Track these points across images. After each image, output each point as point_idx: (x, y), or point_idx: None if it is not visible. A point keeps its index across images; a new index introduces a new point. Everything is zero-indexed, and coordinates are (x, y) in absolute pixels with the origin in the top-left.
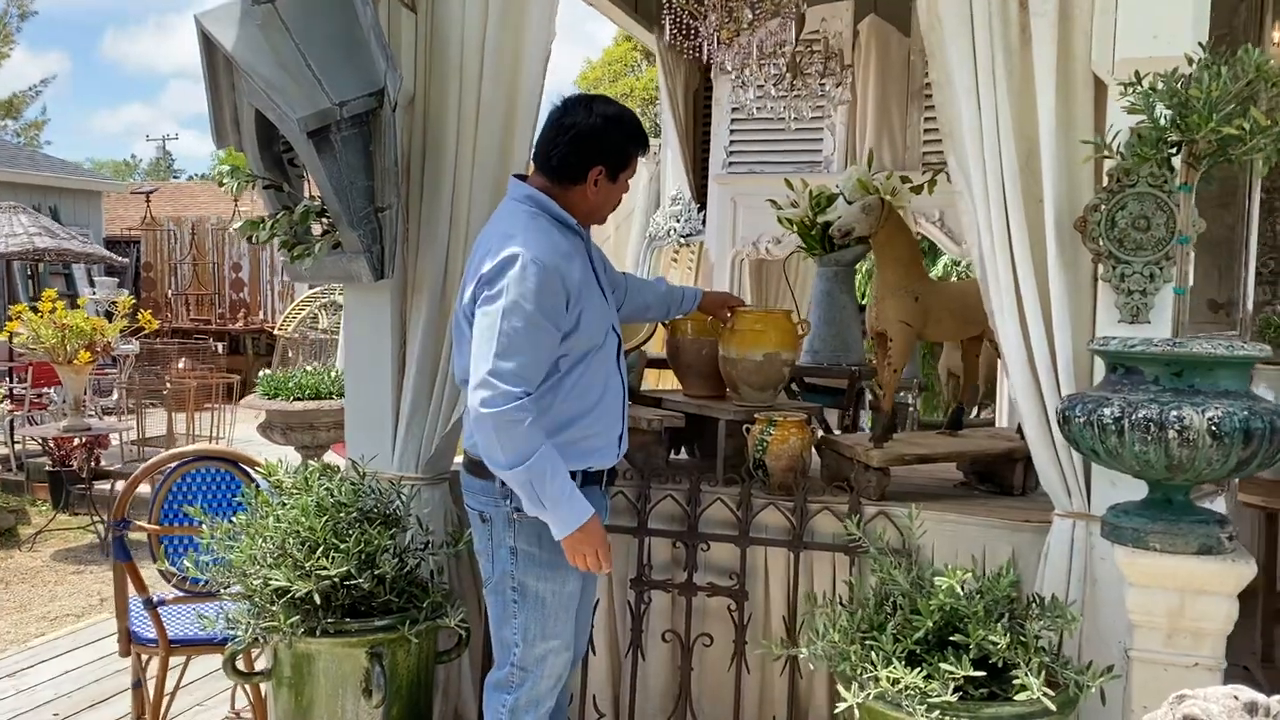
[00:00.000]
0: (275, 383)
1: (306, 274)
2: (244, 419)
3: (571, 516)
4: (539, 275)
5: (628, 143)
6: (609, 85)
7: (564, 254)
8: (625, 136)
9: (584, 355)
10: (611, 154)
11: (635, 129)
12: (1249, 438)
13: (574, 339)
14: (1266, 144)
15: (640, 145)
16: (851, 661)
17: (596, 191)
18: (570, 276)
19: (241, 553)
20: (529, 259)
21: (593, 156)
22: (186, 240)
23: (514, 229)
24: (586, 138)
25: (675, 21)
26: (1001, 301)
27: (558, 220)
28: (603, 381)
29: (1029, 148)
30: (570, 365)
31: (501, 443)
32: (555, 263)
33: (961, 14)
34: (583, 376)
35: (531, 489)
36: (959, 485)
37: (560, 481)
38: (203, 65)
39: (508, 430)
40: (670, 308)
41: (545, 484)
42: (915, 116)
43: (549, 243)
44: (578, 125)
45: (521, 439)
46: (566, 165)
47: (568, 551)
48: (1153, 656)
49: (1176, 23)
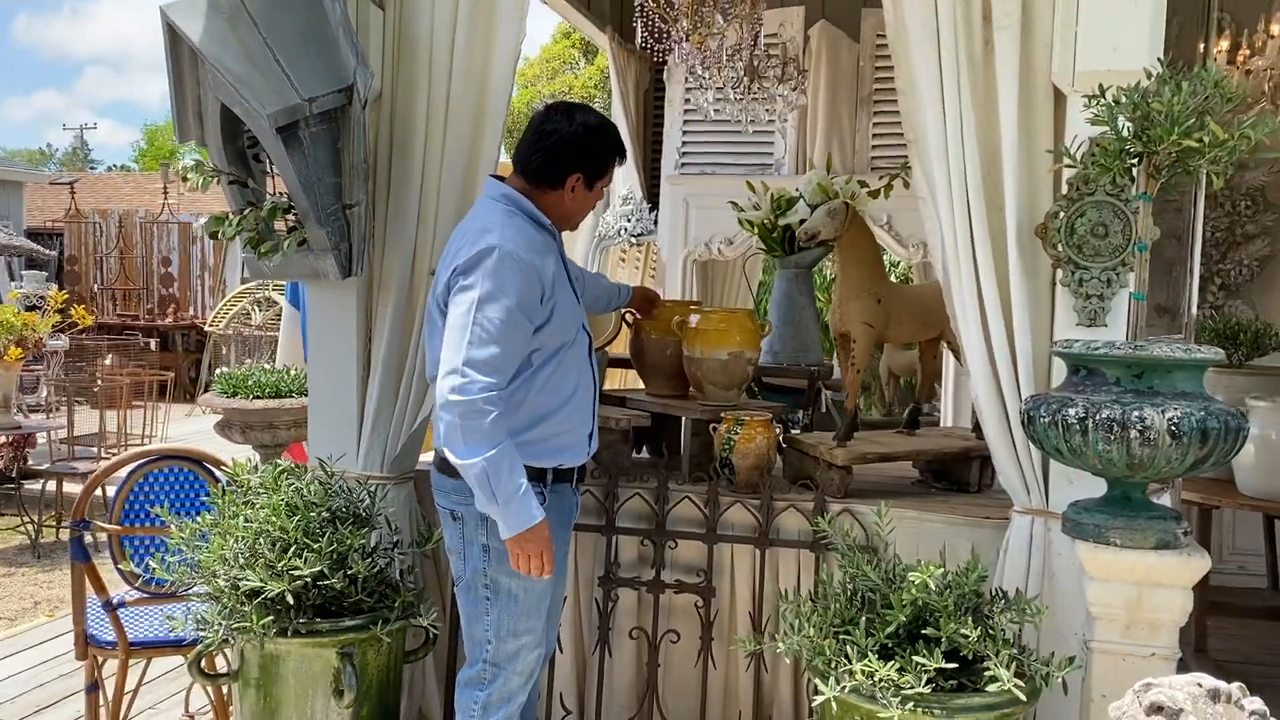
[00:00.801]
0: (234, 381)
1: (272, 271)
2: (177, 417)
3: (522, 517)
4: (514, 267)
5: (606, 153)
6: (547, 83)
7: (538, 250)
8: (604, 147)
9: (557, 350)
10: (590, 163)
11: (615, 140)
12: (1205, 437)
13: (546, 332)
14: (1222, 156)
15: (618, 156)
16: (826, 656)
17: (573, 198)
18: (545, 271)
19: (210, 553)
20: (505, 251)
21: (571, 164)
22: (113, 233)
23: (490, 224)
24: (566, 145)
25: (646, 25)
26: (964, 305)
27: (533, 219)
28: (575, 379)
29: (991, 156)
30: (543, 360)
31: (464, 431)
32: (530, 257)
33: (927, 25)
34: (555, 372)
35: (487, 482)
36: (916, 483)
37: (516, 479)
38: (167, 58)
39: (472, 420)
40: (611, 300)
41: (501, 479)
42: (864, 121)
43: (524, 238)
44: (559, 132)
45: (484, 431)
46: (545, 170)
47: (511, 552)
48: (1112, 647)
49: (1135, 38)
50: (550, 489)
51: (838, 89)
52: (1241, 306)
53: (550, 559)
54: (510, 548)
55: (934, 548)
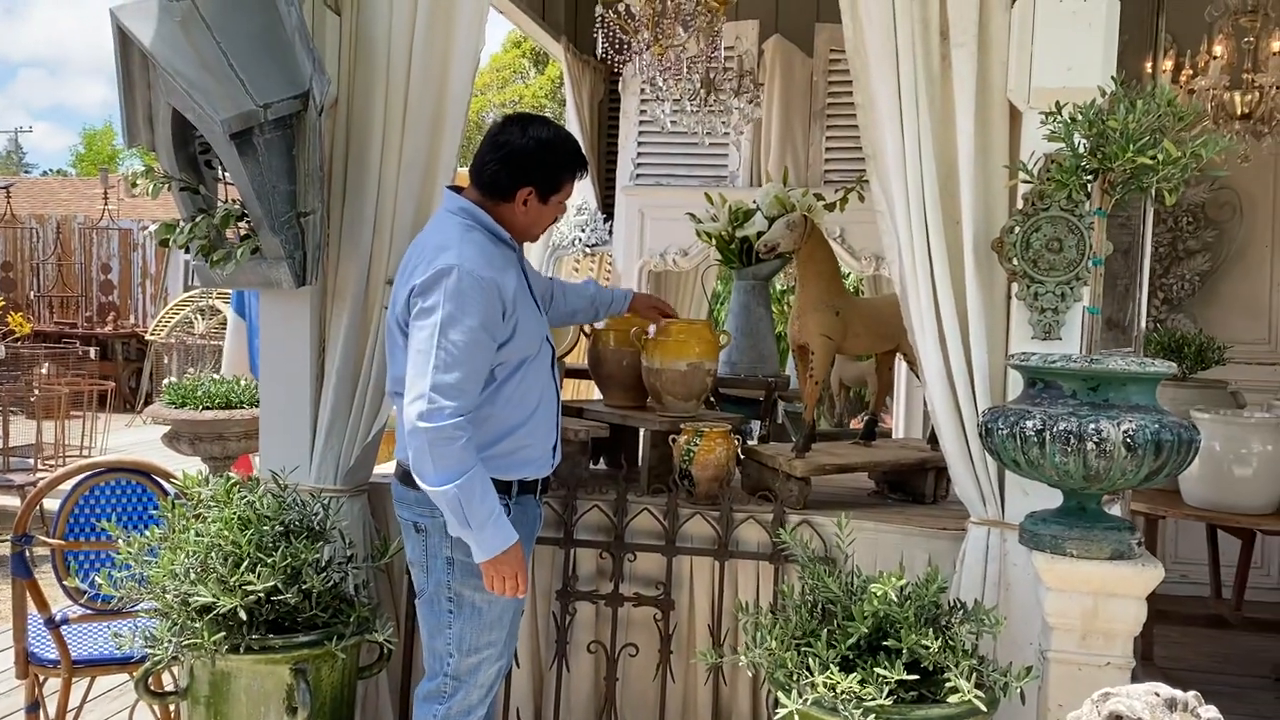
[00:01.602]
0: (182, 391)
1: (224, 280)
2: (117, 427)
3: (497, 540)
4: (474, 286)
5: (559, 167)
6: (497, 92)
7: (498, 266)
8: (556, 161)
9: (520, 364)
10: (541, 177)
11: (569, 154)
12: (1159, 449)
13: (509, 348)
14: (1175, 174)
15: (573, 170)
16: (788, 668)
17: (526, 211)
18: (505, 287)
19: (160, 568)
20: (464, 271)
21: (522, 177)
22: (51, 239)
23: (448, 241)
24: (517, 158)
25: (607, 35)
26: (921, 318)
27: (491, 233)
28: (539, 392)
29: (948, 171)
30: (506, 374)
31: (434, 458)
32: (490, 274)
33: (886, 42)
34: (519, 386)
35: (460, 507)
36: (872, 494)
37: (489, 503)
38: (116, 61)
39: (442, 447)
40: (599, 309)
41: (474, 504)
42: (818, 135)
43: (483, 255)
44: (510, 144)
45: (455, 457)
46: (497, 183)
47: (485, 574)
48: (1068, 657)
49: (1089, 57)
50: (515, 501)
51: (792, 102)
52: (1184, 320)
53: (524, 578)
54: (485, 570)
55: (891, 559)
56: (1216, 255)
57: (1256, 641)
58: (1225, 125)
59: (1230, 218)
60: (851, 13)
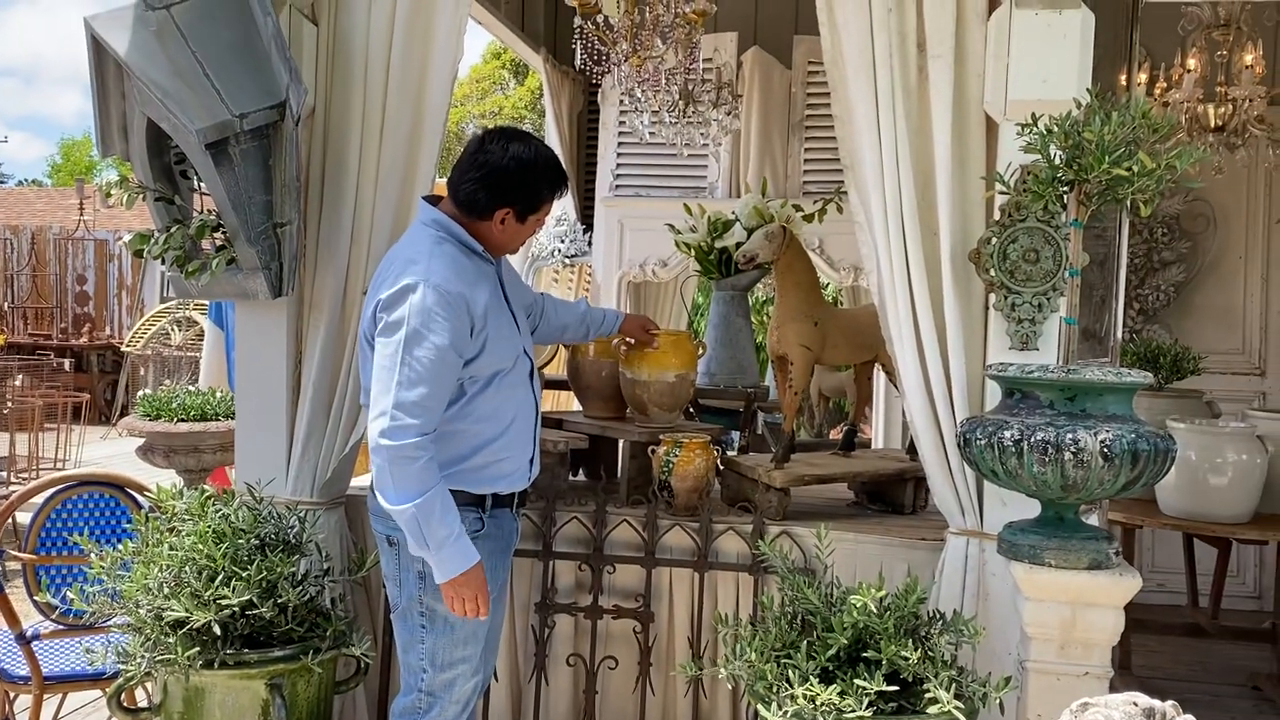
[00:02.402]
0: (157, 403)
1: (199, 291)
2: (92, 439)
3: (456, 560)
4: (440, 302)
5: (539, 187)
6: (477, 103)
7: (469, 280)
8: (536, 181)
9: (491, 378)
10: (519, 197)
11: (548, 173)
12: (1136, 459)
13: (477, 364)
14: (1150, 185)
15: (554, 189)
16: (767, 680)
17: (503, 229)
18: (475, 302)
19: (133, 583)
20: (431, 285)
21: (500, 198)
22: (25, 250)
23: (418, 254)
24: (496, 178)
25: (585, 47)
26: (900, 329)
27: (464, 246)
28: (515, 406)
29: (926, 182)
30: (477, 389)
31: (394, 477)
32: (458, 289)
33: (863, 54)
34: (492, 400)
35: (418, 528)
36: (851, 504)
37: (449, 524)
38: (90, 70)
39: (401, 466)
40: (590, 329)
41: (433, 525)
42: (796, 146)
43: (453, 269)
44: (490, 164)
45: (414, 477)
46: (474, 202)
47: (446, 596)
48: (1047, 667)
49: (1064, 69)
50: (489, 514)
51: (770, 114)
52: (1159, 330)
53: (485, 601)
54: (444, 591)
55: (871, 569)
56: (1191, 266)
57: (1233, 650)
58: (1199, 137)
59: (1204, 229)
60: (829, 24)
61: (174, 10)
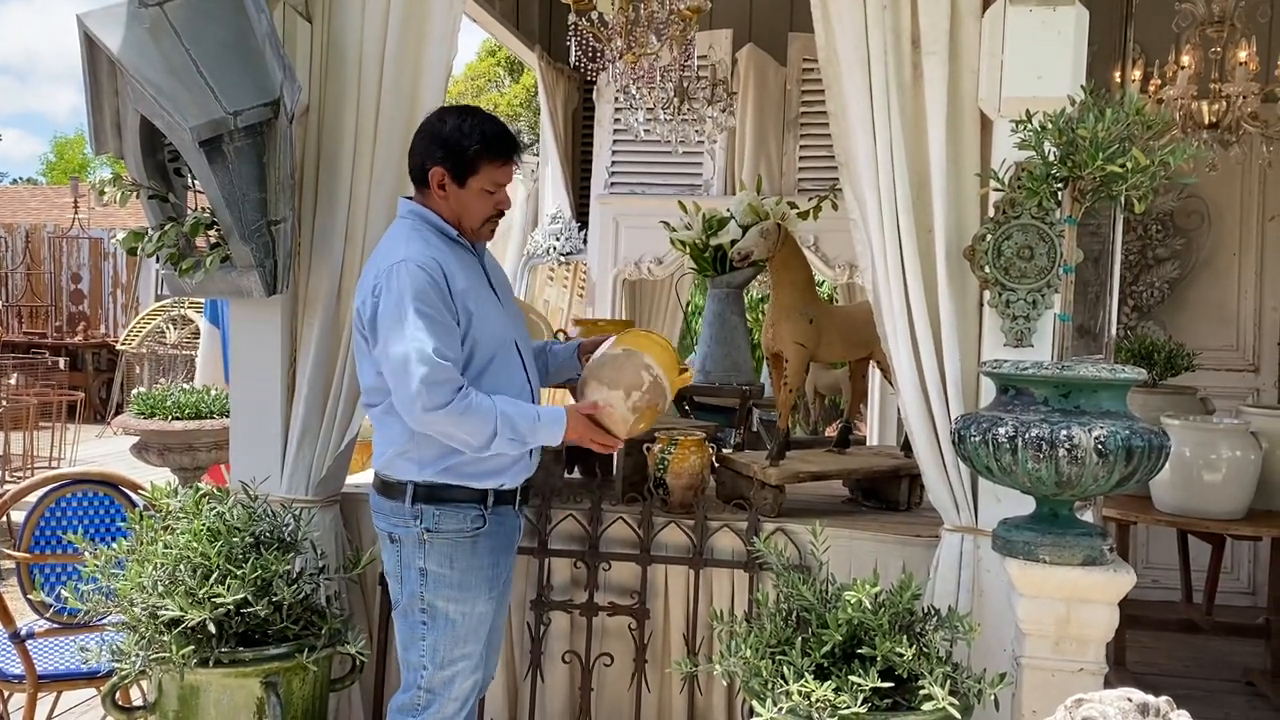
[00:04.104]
0: (151, 401)
1: (193, 289)
2: (87, 438)
3: (554, 426)
4: (414, 274)
5: (465, 144)
6: (472, 99)
7: (442, 258)
8: (462, 138)
9: (485, 365)
10: (449, 155)
11: (481, 133)
12: (1130, 455)
13: (466, 344)
14: (1143, 181)
15: (488, 151)
16: (762, 677)
17: (446, 197)
18: (453, 276)
19: (128, 581)
20: (403, 262)
21: (428, 157)
22: (20, 248)
23: (395, 245)
24: (424, 137)
25: (580, 44)
26: (895, 325)
27: (437, 229)
28: (516, 393)
29: (920, 179)
30: (474, 376)
31: (466, 432)
32: (431, 265)
33: (858, 50)
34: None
35: (517, 442)
36: (846, 501)
37: (527, 417)
38: (83, 68)
39: (463, 421)
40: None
41: (519, 430)
42: (791, 144)
43: (426, 249)
44: (423, 128)
45: (474, 421)
46: (413, 168)
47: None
48: (1041, 663)
49: (1058, 66)
50: (491, 511)
51: (765, 111)
52: (1153, 327)
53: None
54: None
55: (866, 566)
56: (1185, 263)
57: (1227, 646)
58: (1193, 134)
59: (1199, 226)
60: (824, 21)
61: (167, 7)
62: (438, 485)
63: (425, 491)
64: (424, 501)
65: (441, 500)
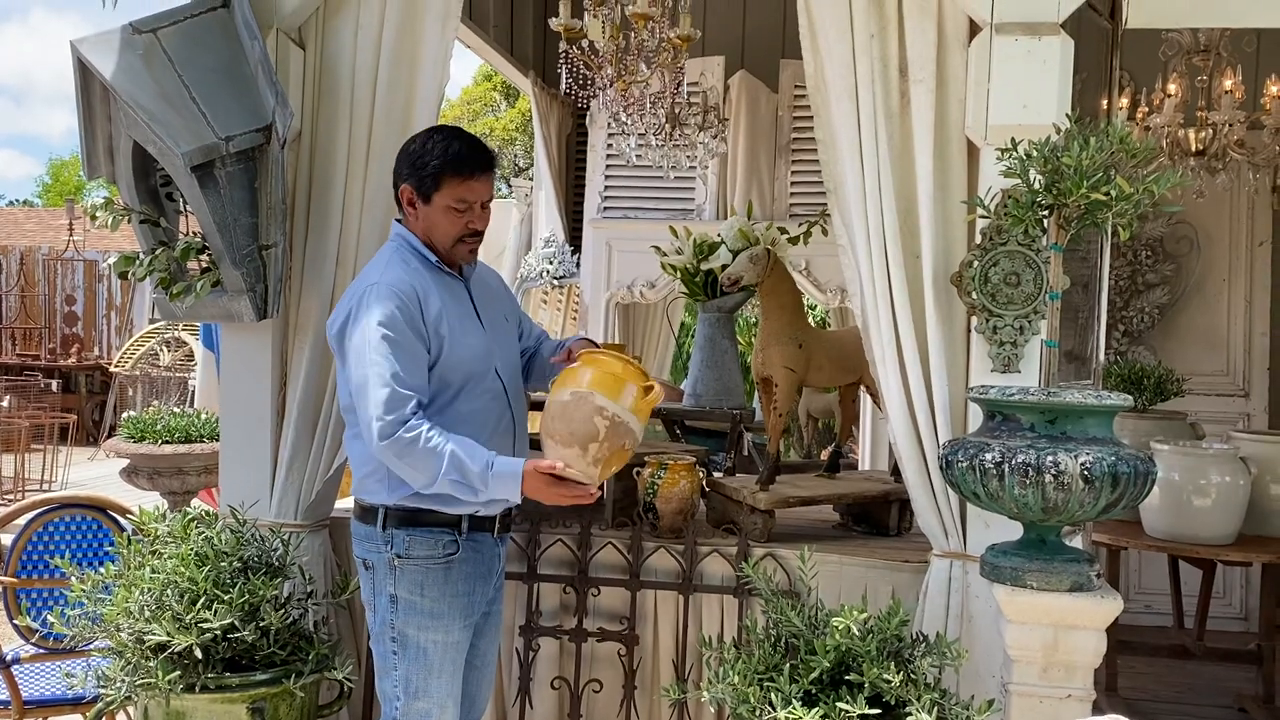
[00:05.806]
0: (141, 425)
1: (184, 313)
2: (79, 461)
3: (508, 482)
4: (387, 297)
5: (427, 159)
6: (468, 124)
7: (420, 282)
8: (427, 155)
9: (460, 387)
10: (413, 172)
11: (444, 149)
12: (1116, 481)
13: (440, 367)
14: (1128, 209)
15: (450, 166)
16: (750, 704)
17: (416, 216)
18: (428, 299)
19: (114, 606)
20: (375, 285)
21: (398, 175)
22: (14, 270)
23: (373, 268)
24: (398, 158)
25: (571, 71)
26: (883, 351)
27: (418, 253)
28: (491, 425)
29: (908, 206)
30: (447, 399)
31: (411, 466)
32: (406, 288)
33: (845, 79)
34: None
35: (461, 488)
36: (836, 526)
37: (477, 459)
38: (77, 93)
39: (409, 455)
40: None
41: (468, 475)
42: (783, 169)
43: (404, 272)
44: (400, 149)
45: (424, 454)
46: (393, 192)
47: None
48: (1029, 690)
49: (1044, 95)
50: (466, 537)
51: (757, 137)
52: (1144, 352)
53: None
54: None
55: (855, 591)
56: (1175, 288)
57: (1219, 671)
58: (1180, 161)
59: (1188, 252)
60: (812, 49)
61: (161, 34)
62: (409, 509)
63: (397, 516)
64: (395, 526)
65: (413, 525)
